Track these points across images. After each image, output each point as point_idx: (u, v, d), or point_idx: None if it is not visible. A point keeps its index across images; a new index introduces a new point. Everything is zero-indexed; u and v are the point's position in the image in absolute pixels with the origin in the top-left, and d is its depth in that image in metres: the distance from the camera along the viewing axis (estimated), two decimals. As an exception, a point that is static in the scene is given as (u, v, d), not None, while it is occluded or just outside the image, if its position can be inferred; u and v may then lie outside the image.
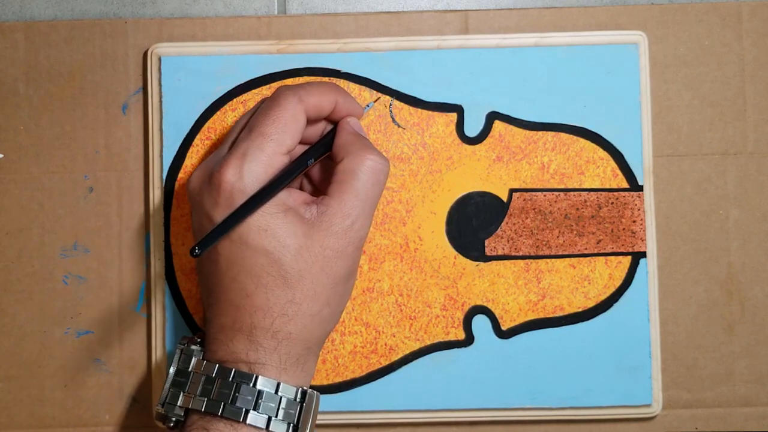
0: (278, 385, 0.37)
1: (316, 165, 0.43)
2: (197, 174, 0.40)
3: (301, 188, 0.43)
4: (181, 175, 0.46)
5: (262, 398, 0.36)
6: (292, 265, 0.37)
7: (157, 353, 0.46)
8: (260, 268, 0.37)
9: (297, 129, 0.39)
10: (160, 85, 0.46)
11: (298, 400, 0.37)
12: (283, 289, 0.37)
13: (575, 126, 0.46)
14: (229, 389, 0.36)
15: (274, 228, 0.37)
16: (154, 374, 0.46)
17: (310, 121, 0.40)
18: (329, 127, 0.42)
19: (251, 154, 0.37)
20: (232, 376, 0.37)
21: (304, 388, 0.38)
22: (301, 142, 0.41)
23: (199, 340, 0.40)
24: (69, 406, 0.47)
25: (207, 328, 0.40)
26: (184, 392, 0.38)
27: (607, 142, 0.46)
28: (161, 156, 0.46)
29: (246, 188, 0.37)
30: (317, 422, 0.46)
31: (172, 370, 0.39)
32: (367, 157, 0.39)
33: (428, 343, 0.46)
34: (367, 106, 0.45)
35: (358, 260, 0.40)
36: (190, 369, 0.38)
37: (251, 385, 0.36)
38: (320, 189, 0.43)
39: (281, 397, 0.37)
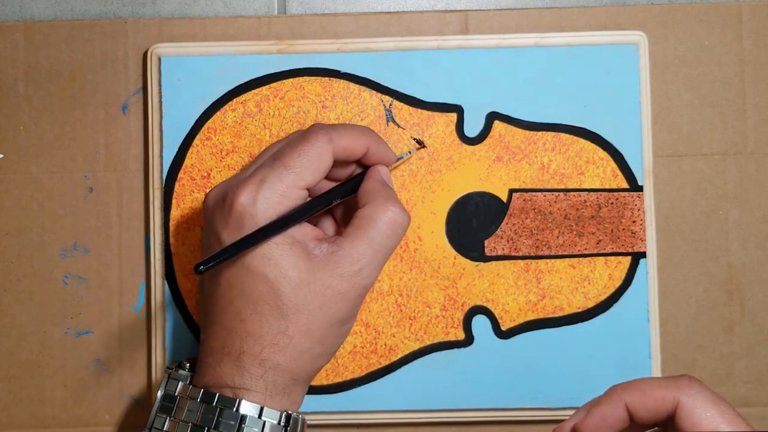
0: (262, 409, 0.37)
1: (342, 206, 0.43)
2: (214, 192, 0.40)
3: (321, 225, 0.43)
4: (181, 175, 0.46)
5: (245, 423, 0.36)
6: (290, 297, 0.37)
7: (157, 353, 0.46)
8: (258, 295, 0.37)
9: (320, 167, 0.39)
10: (159, 85, 0.46)
11: (282, 424, 0.37)
12: (277, 319, 0.37)
13: (575, 126, 0.46)
14: (212, 414, 0.37)
15: (278, 258, 0.37)
16: (154, 374, 0.46)
17: (339, 163, 0.40)
18: (358, 170, 0.42)
19: (269, 182, 0.37)
20: (216, 400, 0.37)
21: (289, 412, 0.38)
22: (328, 178, 0.41)
23: (188, 364, 0.40)
24: (69, 406, 0.47)
25: (199, 350, 0.40)
26: (170, 417, 0.38)
27: (607, 142, 0.46)
28: (161, 156, 0.46)
29: (257, 214, 0.37)
30: (317, 422, 0.46)
31: (159, 394, 0.39)
32: (389, 208, 0.39)
33: (428, 343, 0.46)
34: (400, 157, 0.45)
35: (359, 305, 0.39)
36: (176, 393, 0.39)
37: (234, 409, 0.36)
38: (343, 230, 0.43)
39: (265, 422, 0.37)
